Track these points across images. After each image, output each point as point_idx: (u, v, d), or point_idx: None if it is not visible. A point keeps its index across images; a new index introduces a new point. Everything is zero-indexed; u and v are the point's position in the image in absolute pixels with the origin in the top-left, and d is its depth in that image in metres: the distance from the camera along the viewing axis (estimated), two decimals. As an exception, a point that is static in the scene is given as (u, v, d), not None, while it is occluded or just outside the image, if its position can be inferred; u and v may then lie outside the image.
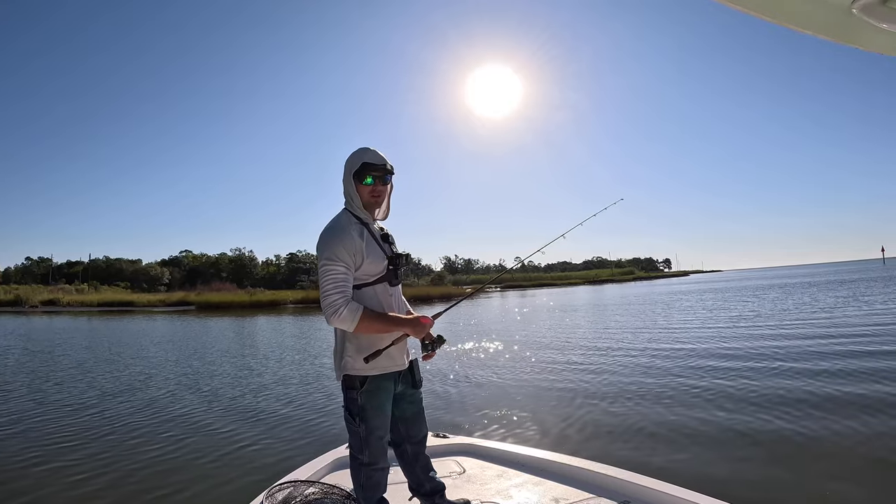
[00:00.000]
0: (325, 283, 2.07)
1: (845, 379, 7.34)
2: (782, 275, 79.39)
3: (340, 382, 2.26)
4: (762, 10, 0.90)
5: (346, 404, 2.25)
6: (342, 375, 2.23)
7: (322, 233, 2.16)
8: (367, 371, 2.19)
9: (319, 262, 2.09)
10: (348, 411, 2.23)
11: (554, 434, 5.67)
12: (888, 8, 0.85)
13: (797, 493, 4.02)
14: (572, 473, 2.94)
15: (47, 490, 4.59)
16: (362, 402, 2.20)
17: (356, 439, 2.23)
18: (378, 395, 2.23)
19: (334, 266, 2.08)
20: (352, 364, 2.19)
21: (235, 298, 45.99)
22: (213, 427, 6.52)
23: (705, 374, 8.38)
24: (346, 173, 2.24)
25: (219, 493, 4.43)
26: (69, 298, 49.66)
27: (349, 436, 2.27)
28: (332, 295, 2.06)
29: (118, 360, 12.97)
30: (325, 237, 2.13)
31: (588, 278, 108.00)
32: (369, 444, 2.21)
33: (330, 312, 2.06)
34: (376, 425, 2.22)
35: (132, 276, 72.55)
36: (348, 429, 2.26)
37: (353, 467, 2.28)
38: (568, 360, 10.47)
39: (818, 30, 0.95)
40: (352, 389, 2.21)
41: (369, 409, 2.20)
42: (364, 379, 2.20)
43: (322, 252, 2.09)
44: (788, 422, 5.63)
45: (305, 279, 69.58)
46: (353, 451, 2.27)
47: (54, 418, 7.14)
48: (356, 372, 2.19)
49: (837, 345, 10.27)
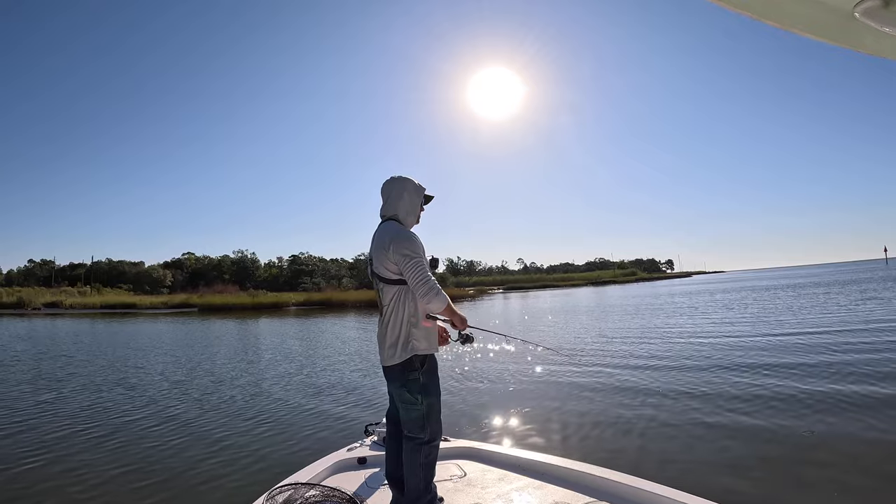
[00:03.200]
0: (422, 272, 2.48)
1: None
2: (787, 275, 79.14)
3: (395, 368, 2.54)
4: (765, 14, 0.91)
5: (405, 388, 2.54)
6: (408, 357, 2.52)
7: (405, 234, 2.58)
8: (429, 350, 2.58)
9: (410, 257, 2.48)
10: (409, 392, 2.53)
11: (555, 438, 5.65)
12: (891, 12, 0.85)
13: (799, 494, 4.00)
14: (573, 477, 2.94)
15: (44, 488, 4.60)
16: (424, 380, 2.54)
17: (417, 418, 2.53)
18: (435, 373, 2.63)
19: (424, 261, 2.52)
20: (418, 346, 2.53)
21: (238, 300, 46.00)
22: (214, 429, 6.52)
23: (723, 374, 8.37)
24: (417, 196, 2.75)
25: (220, 495, 4.43)
26: (72, 301, 49.78)
27: (407, 420, 2.55)
28: (431, 279, 2.49)
29: (119, 362, 12.98)
30: (412, 238, 2.57)
31: (590, 279, 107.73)
32: (430, 419, 2.54)
33: (434, 292, 2.46)
34: (435, 401, 2.58)
35: (135, 278, 72.70)
36: (405, 411, 2.56)
37: (410, 450, 2.53)
38: (569, 363, 10.45)
39: (820, 34, 0.96)
40: (413, 370, 2.53)
41: (430, 386, 2.57)
42: (424, 358, 2.56)
43: (411, 248, 2.51)
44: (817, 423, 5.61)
45: (308, 281, 69.60)
46: (410, 433, 2.53)
47: (54, 417, 7.15)
48: (423, 352, 2.55)
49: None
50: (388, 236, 2.56)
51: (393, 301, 2.55)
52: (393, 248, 2.50)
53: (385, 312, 2.59)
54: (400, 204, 2.70)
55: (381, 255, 2.56)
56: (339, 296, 47.82)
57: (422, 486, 2.51)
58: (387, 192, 2.74)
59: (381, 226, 2.71)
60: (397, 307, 2.54)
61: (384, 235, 2.59)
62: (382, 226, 2.70)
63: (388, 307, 2.57)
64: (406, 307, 2.54)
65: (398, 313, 2.54)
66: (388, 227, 2.65)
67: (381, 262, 2.57)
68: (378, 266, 2.59)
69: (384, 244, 2.55)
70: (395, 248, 2.50)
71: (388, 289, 2.57)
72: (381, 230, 2.67)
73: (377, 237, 2.66)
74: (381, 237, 2.62)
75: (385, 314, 2.59)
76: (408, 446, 2.54)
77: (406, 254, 2.48)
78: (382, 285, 2.60)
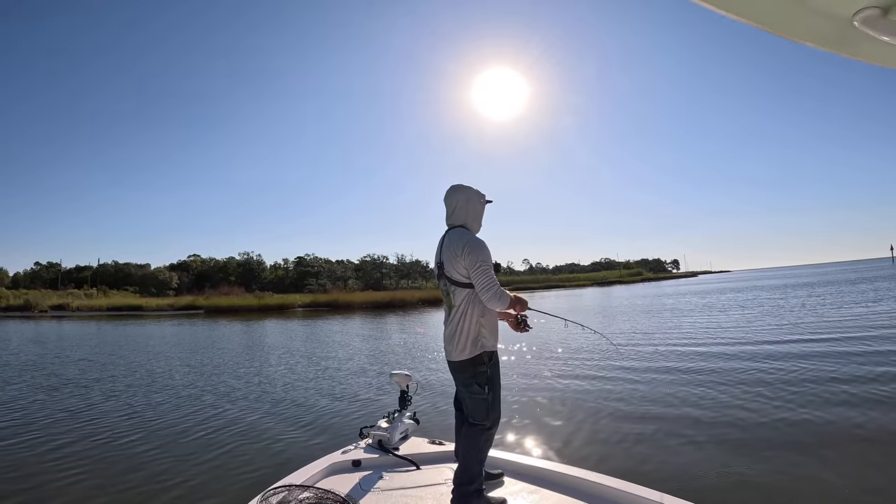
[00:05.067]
0: (489, 278, 2.73)
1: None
2: (794, 274, 78.64)
3: (463, 363, 2.79)
4: (764, 22, 0.91)
5: (474, 380, 2.79)
6: (477, 354, 2.77)
7: (476, 242, 2.82)
8: (495, 346, 2.87)
9: (481, 263, 2.74)
10: (477, 384, 2.79)
11: (550, 443, 5.59)
12: (889, 21, 0.85)
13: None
14: (568, 482, 2.92)
15: (40, 485, 4.62)
16: (491, 372, 2.82)
17: (482, 408, 2.80)
18: (498, 366, 2.91)
19: (491, 267, 2.77)
20: (486, 343, 2.80)
21: (244, 302, 46.11)
22: (209, 430, 6.52)
23: (728, 376, 8.32)
24: (480, 204, 3.02)
25: (213, 496, 4.42)
26: (78, 303, 49.97)
27: (472, 408, 2.82)
28: (496, 285, 2.73)
29: (121, 364, 13.04)
30: (483, 246, 2.81)
31: (596, 280, 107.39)
32: (494, 408, 2.83)
33: (499, 296, 2.71)
34: (498, 391, 2.87)
35: (141, 280, 73.00)
36: (473, 401, 2.81)
37: (473, 434, 2.80)
38: (566, 367, 10.42)
39: (819, 42, 0.96)
40: (482, 364, 2.79)
41: (495, 378, 2.84)
42: (492, 354, 2.84)
43: (482, 256, 2.76)
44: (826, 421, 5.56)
45: (314, 283, 69.73)
46: (475, 420, 2.81)
47: (52, 419, 7.19)
48: (491, 348, 2.83)
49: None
50: (461, 242, 2.80)
51: (464, 302, 2.80)
52: (467, 255, 2.75)
53: (456, 312, 2.83)
54: (468, 213, 2.98)
55: (454, 260, 2.80)
56: (346, 297, 47.85)
57: (476, 469, 2.78)
58: (453, 201, 2.99)
59: (451, 233, 2.95)
60: (468, 308, 2.79)
61: (457, 242, 2.82)
62: (453, 233, 2.94)
63: (460, 308, 2.81)
64: (476, 308, 2.80)
65: (469, 314, 2.79)
66: (459, 234, 2.89)
67: (454, 267, 2.80)
68: (450, 270, 2.83)
69: (457, 250, 2.79)
70: (468, 254, 2.75)
71: (460, 291, 2.81)
72: (452, 237, 2.90)
73: (449, 243, 2.88)
74: (453, 244, 2.84)
75: (456, 314, 2.83)
76: (471, 431, 2.81)
77: (476, 260, 2.73)
78: (454, 288, 2.83)
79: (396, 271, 79.84)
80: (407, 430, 3.72)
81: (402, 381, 3.83)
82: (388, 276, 75.09)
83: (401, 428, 3.63)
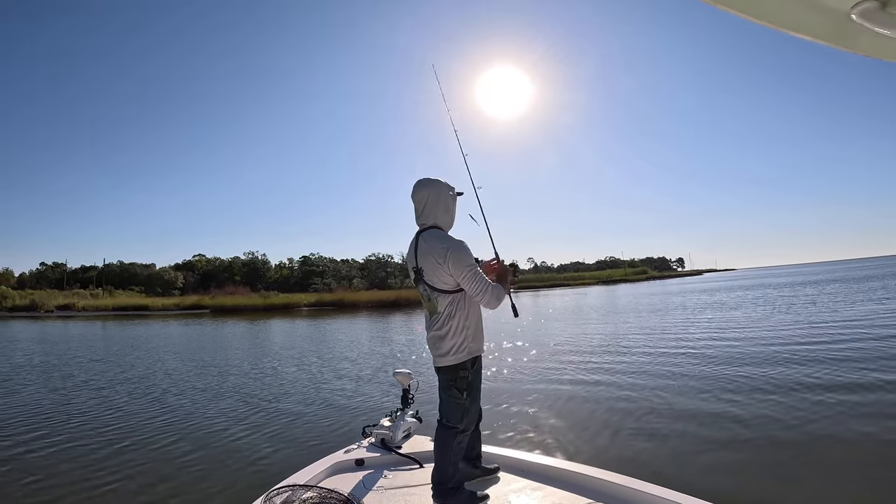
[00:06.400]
0: (480, 281, 2.61)
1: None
2: (801, 272, 78.24)
3: (447, 368, 2.69)
4: (762, 16, 0.91)
5: (454, 384, 2.70)
6: (462, 360, 2.67)
7: (457, 245, 2.63)
8: (479, 351, 2.76)
9: (468, 268, 2.60)
10: (457, 389, 2.69)
11: (553, 439, 5.60)
12: (887, 13, 0.85)
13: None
14: (571, 479, 2.90)
15: (42, 486, 4.65)
16: (472, 378, 2.73)
17: (458, 411, 2.71)
18: (481, 371, 2.82)
19: (477, 267, 2.65)
20: (471, 347, 2.70)
21: (249, 302, 46.29)
22: (212, 430, 6.56)
23: (732, 375, 8.29)
24: (451, 198, 2.81)
25: (217, 496, 4.44)
26: (84, 303, 50.22)
27: (448, 411, 2.74)
28: (489, 286, 2.63)
29: (123, 364, 13.11)
30: (463, 249, 2.63)
31: (601, 278, 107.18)
32: (469, 413, 2.75)
33: (494, 296, 2.62)
34: (477, 397, 2.81)
35: (146, 280, 73.28)
36: (449, 404, 2.73)
37: (446, 437, 2.71)
38: (571, 363, 10.40)
39: (817, 35, 0.96)
40: (464, 370, 2.69)
41: (477, 384, 2.77)
42: (475, 359, 2.74)
43: (466, 261, 2.60)
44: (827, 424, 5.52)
45: (318, 282, 69.82)
46: (449, 422, 2.73)
47: (52, 419, 7.23)
48: (476, 352, 2.73)
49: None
50: (441, 250, 2.61)
51: (449, 308, 2.66)
52: (451, 265, 2.59)
53: (440, 319, 2.68)
54: (438, 209, 2.77)
55: (434, 268, 2.63)
56: (351, 296, 47.95)
57: (451, 470, 2.71)
58: (421, 197, 2.76)
59: (426, 235, 2.73)
60: (453, 314, 2.66)
61: (437, 248, 2.63)
62: (427, 235, 2.72)
63: (444, 314, 2.67)
64: (461, 311, 2.67)
65: (455, 319, 2.66)
66: (436, 237, 2.69)
67: (437, 275, 2.64)
68: (431, 278, 2.66)
69: (439, 259, 2.61)
70: (453, 264, 2.59)
71: (444, 297, 2.67)
72: (429, 241, 2.69)
73: (425, 247, 2.68)
74: (433, 250, 2.64)
75: (440, 320, 2.68)
76: (444, 434, 2.73)
77: (463, 268, 2.59)
78: (437, 294, 2.67)
79: (401, 270, 79.81)
80: (409, 428, 3.71)
81: (405, 379, 3.82)
82: (393, 275, 74.94)
83: (403, 426, 3.63)
